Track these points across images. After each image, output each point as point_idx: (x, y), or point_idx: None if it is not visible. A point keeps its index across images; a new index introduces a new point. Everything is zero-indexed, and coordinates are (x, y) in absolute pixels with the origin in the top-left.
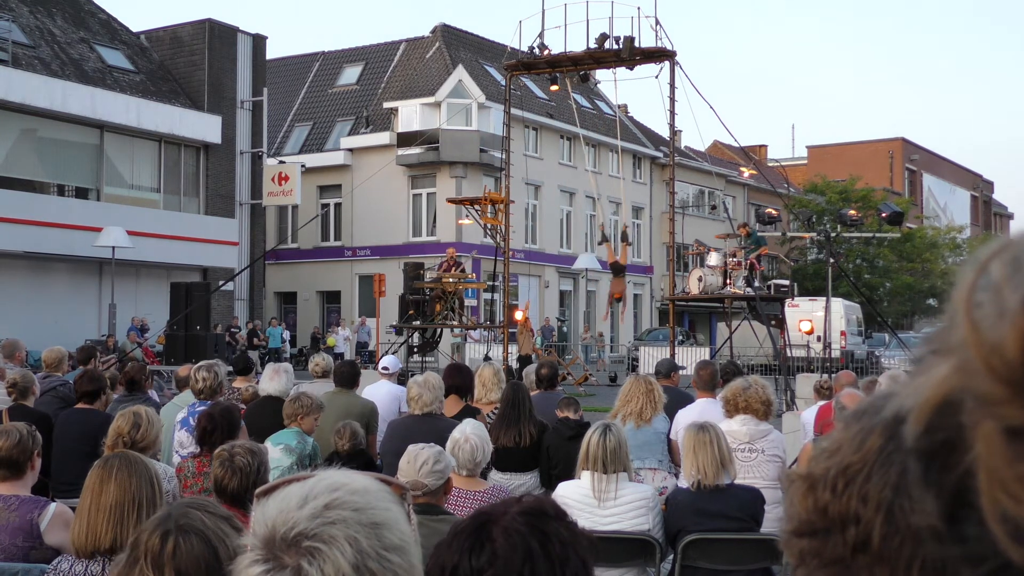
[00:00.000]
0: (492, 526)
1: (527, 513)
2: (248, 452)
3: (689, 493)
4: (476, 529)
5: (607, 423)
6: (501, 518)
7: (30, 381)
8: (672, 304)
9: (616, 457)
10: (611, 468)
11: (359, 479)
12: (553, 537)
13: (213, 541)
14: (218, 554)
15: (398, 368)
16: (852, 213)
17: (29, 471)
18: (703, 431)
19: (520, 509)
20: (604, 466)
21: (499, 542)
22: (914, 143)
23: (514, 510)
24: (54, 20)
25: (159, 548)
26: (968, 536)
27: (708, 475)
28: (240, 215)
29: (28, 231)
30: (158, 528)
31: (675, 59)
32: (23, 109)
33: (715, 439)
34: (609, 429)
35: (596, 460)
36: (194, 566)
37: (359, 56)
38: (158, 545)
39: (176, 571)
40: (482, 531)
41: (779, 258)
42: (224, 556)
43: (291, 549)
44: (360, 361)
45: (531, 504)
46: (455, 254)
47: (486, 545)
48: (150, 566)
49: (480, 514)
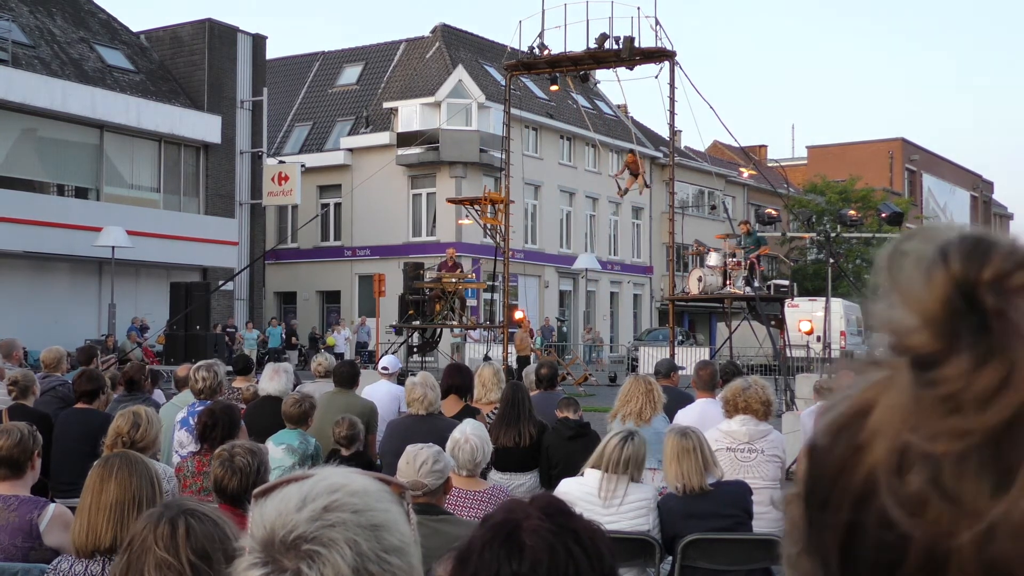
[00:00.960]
0: (520, 531)
1: (550, 512)
2: (248, 452)
3: (677, 498)
4: (507, 537)
5: (633, 431)
6: (525, 521)
7: (31, 380)
8: (672, 304)
9: (630, 463)
10: (622, 471)
11: (358, 479)
12: (582, 533)
13: (218, 521)
14: (226, 532)
15: (398, 368)
16: (852, 213)
17: (29, 471)
18: (685, 438)
19: (541, 509)
20: (616, 467)
21: (534, 545)
22: (914, 143)
23: (535, 511)
24: (54, 20)
25: (170, 533)
26: None
27: (692, 481)
28: (240, 215)
29: (28, 231)
30: (163, 517)
31: (675, 59)
32: (23, 109)
33: (697, 446)
34: (632, 437)
35: (610, 462)
36: (209, 541)
37: (359, 56)
38: (168, 531)
39: (193, 551)
40: (513, 537)
41: (779, 258)
42: (231, 534)
43: (290, 552)
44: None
45: (548, 502)
46: (455, 254)
47: (525, 550)
48: (164, 552)
49: (503, 522)
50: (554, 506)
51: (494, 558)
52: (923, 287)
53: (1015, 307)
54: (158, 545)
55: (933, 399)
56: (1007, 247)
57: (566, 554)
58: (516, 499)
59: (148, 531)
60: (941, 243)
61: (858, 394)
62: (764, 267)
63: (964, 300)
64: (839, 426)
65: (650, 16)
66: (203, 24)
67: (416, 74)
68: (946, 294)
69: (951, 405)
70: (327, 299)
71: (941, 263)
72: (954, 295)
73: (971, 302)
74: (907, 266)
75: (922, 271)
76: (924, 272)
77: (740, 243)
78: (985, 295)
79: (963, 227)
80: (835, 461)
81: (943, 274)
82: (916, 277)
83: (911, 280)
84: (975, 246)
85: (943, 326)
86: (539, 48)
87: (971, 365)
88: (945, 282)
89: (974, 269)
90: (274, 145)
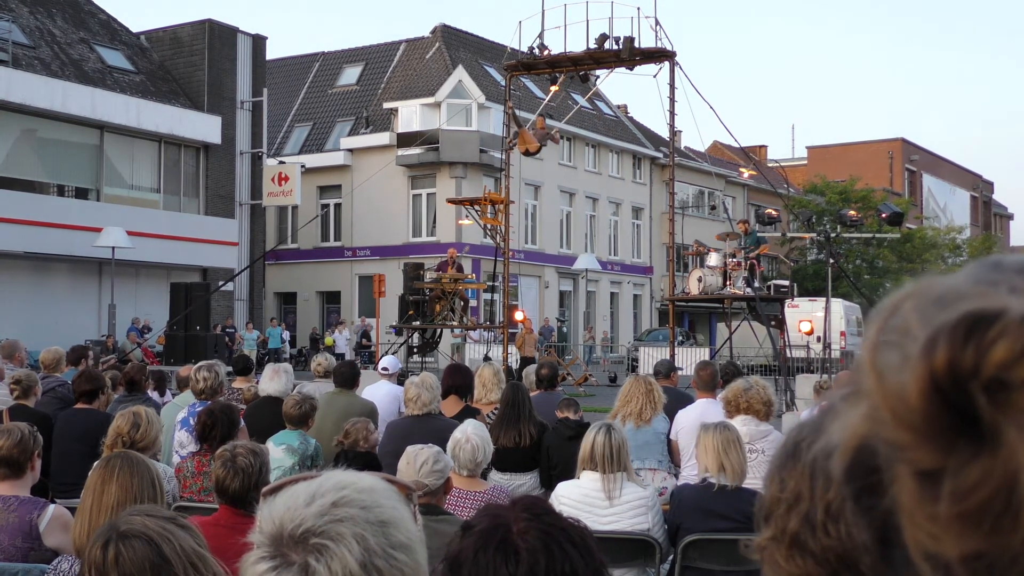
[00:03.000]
0: (511, 534)
1: (537, 513)
2: (250, 452)
3: (696, 490)
4: (500, 541)
5: (608, 423)
6: (515, 523)
7: (34, 381)
8: (672, 304)
9: (620, 456)
10: (615, 468)
11: (366, 478)
12: (571, 531)
13: (156, 540)
14: (163, 552)
15: (398, 368)
16: (852, 214)
17: (29, 471)
18: (730, 431)
19: (527, 510)
20: (610, 465)
21: (528, 547)
22: (914, 143)
23: (521, 513)
24: (54, 21)
25: (102, 558)
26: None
27: (736, 476)
28: (240, 215)
29: (28, 231)
30: (99, 539)
31: (675, 59)
32: (23, 109)
33: (738, 441)
34: (612, 429)
35: (603, 460)
36: (138, 569)
37: (359, 56)
38: (100, 555)
39: None
40: (506, 541)
41: (779, 258)
42: (170, 553)
43: (298, 546)
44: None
45: (531, 503)
46: (456, 255)
47: (520, 553)
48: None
49: (493, 528)
50: (539, 506)
51: (489, 563)
52: (909, 394)
53: (1015, 409)
54: (90, 570)
55: (942, 513)
56: (1011, 328)
57: (561, 553)
58: (496, 503)
59: (87, 552)
60: (931, 332)
61: None
62: (764, 267)
63: (955, 407)
64: None
65: (650, 16)
66: (203, 24)
67: (416, 74)
68: (933, 406)
69: (960, 522)
70: (327, 299)
71: (925, 358)
72: (940, 405)
73: (963, 407)
74: (892, 362)
75: (911, 366)
76: (910, 373)
77: (740, 243)
78: (980, 397)
79: (967, 291)
80: None
81: (927, 375)
82: (903, 374)
83: (897, 375)
84: (968, 332)
85: (937, 440)
86: (539, 48)
87: (976, 481)
88: (929, 388)
89: (966, 365)
90: (274, 145)
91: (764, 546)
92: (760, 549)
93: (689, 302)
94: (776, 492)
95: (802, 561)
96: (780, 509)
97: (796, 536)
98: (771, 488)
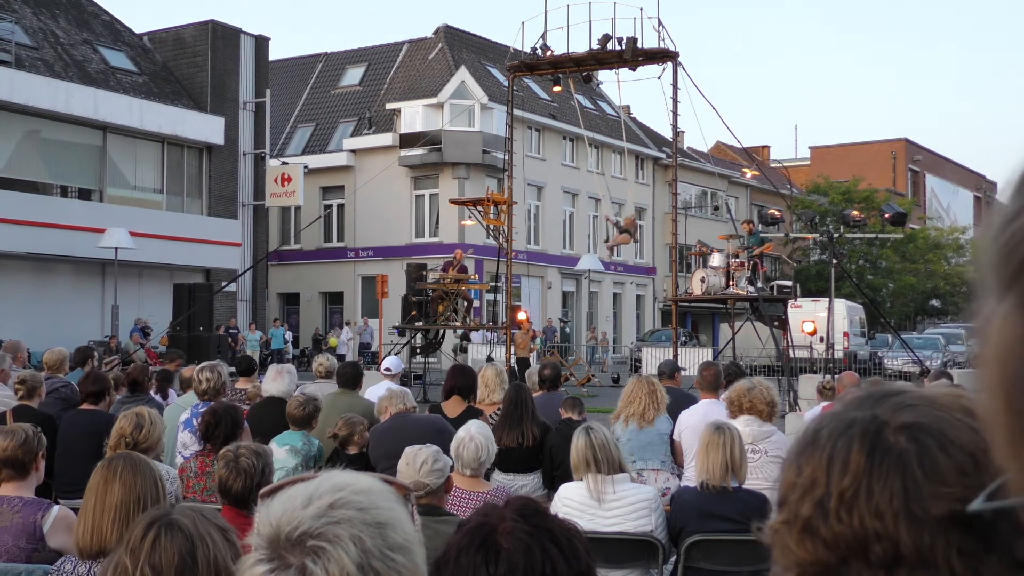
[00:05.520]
0: (496, 534)
1: (525, 514)
2: (253, 453)
3: (695, 493)
4: (483, 541)
5: (588, 424)
6: (501, 524)
7: (39, 382)
8: (675, 305)
9: (606, 454)
10: (604, 467)
11: (364, 479)
12: (558, 532)
13: (195, 540)
14: (195, 554)
15: (400, 369)
16: (855, 214)
17: (33, 472)
18: (719, 432)
19: (517, 511)
20: (598, 465)
21: (510, 547)
22: (917, 144)
23: (510, 513)
24: (57, 22)
25: (140, 536)
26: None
27: (715, 476)
28: (243, 216)
29: (31, 232)
30: (146, 518)
31: (678, 60)
32: (26, 110)
33: (728, 441)
34: (591, 429)
35: (589, 461)
36: (167, 559)
37: (362, 57)
38: (140, 533)
39: (150, 564)
40: (489, 541)
41: (782, 259)
42: (201, 558)
43: (295, 548)
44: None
45: (523, 503)
46: (462, 256)
47: (501, 553)
48: (128, 554)
49: (478, 527)
50: (529, 507)
51: (470, 563)
52: None
53: None
54: (126, 546)
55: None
56: None
57: (542, 554)
58: (491, 503)
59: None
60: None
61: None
62: (767, 267)
63: None
64: None
65: (653, 17)
66: (206, 25)
67: (419, 75)
68: None
69: None
70: (330, 300)
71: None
72: None
73: None
74: None
75: None
76: None
77: (744, 243)
78: None
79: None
80: None
81: None
82: None
83: None
84: None
85: None
86: (542, 49)
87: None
88: None
89: None
90: (277, 146)
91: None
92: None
93: (692, 302)
94: (792, 477)
95: (812, 546)
96: (795, 494)
97: (808, 521)
98: (788, 473)
